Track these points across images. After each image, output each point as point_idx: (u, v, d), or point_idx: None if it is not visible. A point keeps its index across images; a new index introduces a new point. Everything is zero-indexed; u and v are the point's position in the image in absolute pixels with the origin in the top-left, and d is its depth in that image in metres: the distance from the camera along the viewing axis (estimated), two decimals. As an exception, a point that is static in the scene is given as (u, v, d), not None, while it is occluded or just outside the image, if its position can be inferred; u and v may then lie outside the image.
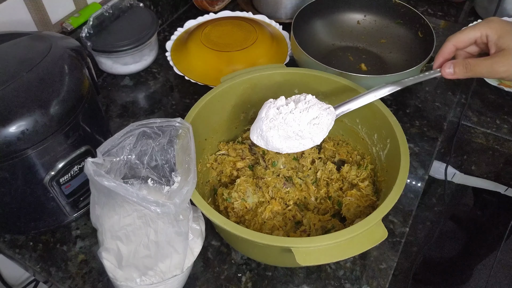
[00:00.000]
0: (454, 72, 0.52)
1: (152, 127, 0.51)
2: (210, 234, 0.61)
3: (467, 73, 0.51)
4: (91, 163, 0.44)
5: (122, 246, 0.48)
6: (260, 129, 0.52)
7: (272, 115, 0.51)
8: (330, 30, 0.91)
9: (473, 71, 0.51)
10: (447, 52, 0.55)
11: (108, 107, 0.80)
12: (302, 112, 0.50)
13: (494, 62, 0.50)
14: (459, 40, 0.54)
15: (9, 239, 0.61)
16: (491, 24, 0.51)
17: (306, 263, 0.43)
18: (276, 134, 0.51)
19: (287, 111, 0.51)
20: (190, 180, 0.46)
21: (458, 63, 0.52)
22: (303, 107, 0.51)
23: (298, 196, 0.61)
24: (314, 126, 0.50)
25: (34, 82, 0.48)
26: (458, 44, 0.54)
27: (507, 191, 0.97)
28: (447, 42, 0.55)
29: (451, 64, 0.53)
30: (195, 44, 0.86)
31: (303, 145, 0.52)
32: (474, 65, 0.51)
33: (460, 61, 0.52)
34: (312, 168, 0.64)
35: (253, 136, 0.53)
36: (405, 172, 0.50)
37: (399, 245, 0.60)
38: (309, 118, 0.50)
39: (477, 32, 0.52)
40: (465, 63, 0.51)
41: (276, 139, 0.51)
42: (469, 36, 0.53)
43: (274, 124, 0.51)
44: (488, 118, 0.79)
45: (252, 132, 0.54)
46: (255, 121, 0.53)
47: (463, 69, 0.51)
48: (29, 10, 0.70)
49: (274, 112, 0.51)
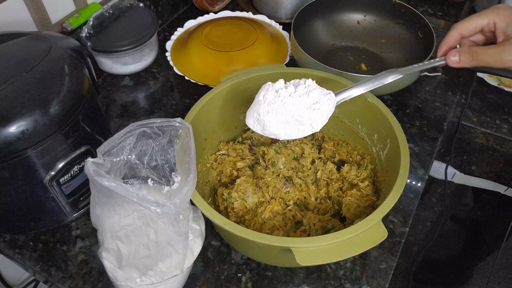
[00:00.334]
0: (459, 60, 0.50)
1: (152, 127, 0.51)
2: (210, 234, 0.61)
3: (473, 62, 0.49)
4: (91, 163, 0.44)
5: (122, 246, 0.48)
6: (257, 113, 0.49)
7: (270, 98, 0.48)
8: (330, 30, 0.91)
9: (479, 59, 0.48)
10: (452, 40, 0.52)
11: (108, 107, 0.80)
12: (301, 96, 0.48)
13: (502, 51, 0.47)
14: (465, 28, 0.51)
15: (9, 239, 0.61)
16: (499, 11, 0.49)
17: (306, 263, 0.43)
18: (274, 118, 0.48)
19: (286, 94, 0.48)
20: (190, 180, 0.46)
21: (464, 51, 0.49)
22: (303, 91, 0.48)
23: (298, 196, 0.61)
24: (314, 112, 0.48)
25: (34, 82, 0.48)
26: (464, 32, 0.51)
27: (507, 191, 0.97)
28: (452, 30, 0.52)
29: (456, 52, 0.50)
30: (195, 44, 0.86)
31: (301, 131, 0.49)
32: (481, 53, 0.48)
33: (466, 49, 0.50)
34: (312, 168, 0.64)
35: (249, 121, 0.51)
36: (405, 172, 0.50)
37: (399, 245, 0.60)
38: (309, 102, 0.48)
39: (484, 20, 0.50)
40: (472, 51, 0.49)
41: (274, 124, 0.49)
42: (476, 23, 0.51)
43: (272, 108, 0.48)
44: (488, 118, 0.79)
45: (248, 117, 0.51)
46: (252, 105, 0.51)
47: (469, 57, 0.49)
48: (29, 10, 0.70)
49: (273, 95, 0.49)
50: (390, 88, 0.75)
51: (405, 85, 0.76)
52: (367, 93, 0.60)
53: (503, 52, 0.47)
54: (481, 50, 0.48)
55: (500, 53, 0.47)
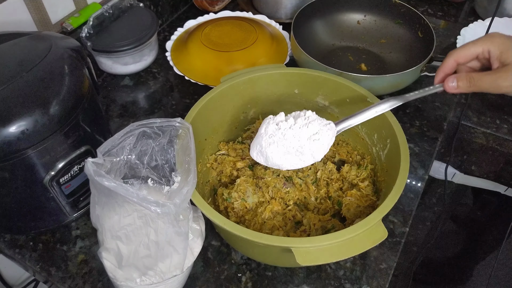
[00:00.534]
0: (457, 86, 0.51)
1: (152, 127, 0.51)
2: (210, 234, 0.61)
3: (470, 88, 0.51)
4: (91, 163, 0.44)
5: (122, 246, 0.48)
6: (260, 145, 0.51)
7: (271, 131, 0.51)
8: (330, 30, 0.91)
9: (476, 85, 0.50)
10: (449, 67, 0.54)
11: (108, 107, 0.80)
12: (301, 128, 0.50)
13: (498, 77, 0.49)
14: (461, 55, 0.53)
15: (9, 239, 0.61)
16: (493, 39, 0.51)
17: (306, 263, 0.43)
18: (275, 150, 0.50)
19: (286, 126, 0.50)
20: (190, 180, 0.46)
21: (462, 77, 0.51)
22: (302, 122, 0.50)
23: (298, 196, 0.61)
24: (314, 142, 0.50)
25: (34, 82, 0.48)
26: (460, 59, 0.53)
27: (507, 191, 0.97)
28: (449, 57, 0.53)
29: (454, 78, 0.52)
30: (195, 44, 0.86)
31: (303, 161, 0.51)
32: (478, 79, 0.50)
33: (463, 75, 0.51)
34: (312, 168, 0.64)
35: (253, 153, 0.53)
36: (405, 172, 0.50)
37: (399, 245, 0.60)
38: (309, 133, 0.50)
39: (478, 48, 0.52)
40: (469, 77, 0.50)
41: (276, 155, 0.51)
42: (471, 51, 0.52)
43: (273, 140, 0.50)
44: (488, 118, 0.79)
45: (252, 149, 0.53)
46: (255, 138, 0.53)
47: (466, 83, 0.51)
48: (29, 10, 0.70)
49: (273, 128, 0.51)
50: (390, 88, 0.75)
51: (405, 85, 0.76)
52: (367, 93, 0.60)
53: (499, 78, 0.49)
54: (478, 76, 0.50)
55: (496, 79, 0.49)
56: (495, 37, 0.51)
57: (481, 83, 0.50)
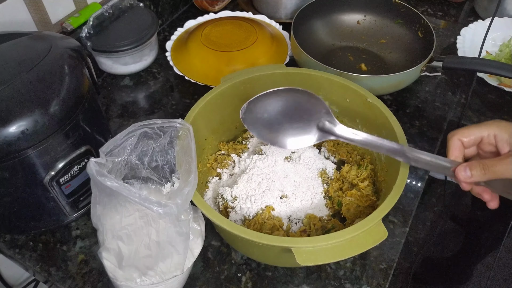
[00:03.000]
0: (471, 175, 0.46)
1: (153, 128, 0.51)
2: (210, 234, 0.61)
3: (485, 175, 0.46)
4: (94, 163, 0.44)
5: (123, 246, 0.48)
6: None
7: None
8: (330, 30, 0.91)
9: (491, 171, 0.46)
10: (456, 148, 0.49)
11: (108, 107, 0.80)
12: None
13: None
14: (465, 135, 0.49)
15: (9, 239, 0.61)
16: (498, 123, 0.48)
17: (306, 263, 0.43)
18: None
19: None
20: (191, 180, 0.46)
21: (474, 165, 0.46)
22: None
23: (298, 196, 0.61)
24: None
25: (34, 82, 0.48)
26: (463, 138, 0.49)
27: (507, 191, 0.97)
28: (453, 138, 0.49)
29: (466, 166, 0.46)
30: (195, 44, 0.86)
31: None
32: (492, 165, 0.46)
33: (475, 163, 0.46)
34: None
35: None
36: (405, 172, 0.50)
37: (399, 245, 0.60)
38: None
39: (483, 131, 0.48)
40: (482, 165, 0.46)
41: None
42: (474, 133, 0.48)
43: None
44: (488, 118, 0.79)
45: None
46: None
47: (481, 170, 0.46)
48: (29, 10, 0.70)
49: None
50: (390, 88, 0.75)
51: (405, 85, 0.76)
52: (367, 93, 0.60)
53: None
54: (491, 162, 0.46)
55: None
56: (500, 122, 0.48)
57: (496, 169, 0.45)
